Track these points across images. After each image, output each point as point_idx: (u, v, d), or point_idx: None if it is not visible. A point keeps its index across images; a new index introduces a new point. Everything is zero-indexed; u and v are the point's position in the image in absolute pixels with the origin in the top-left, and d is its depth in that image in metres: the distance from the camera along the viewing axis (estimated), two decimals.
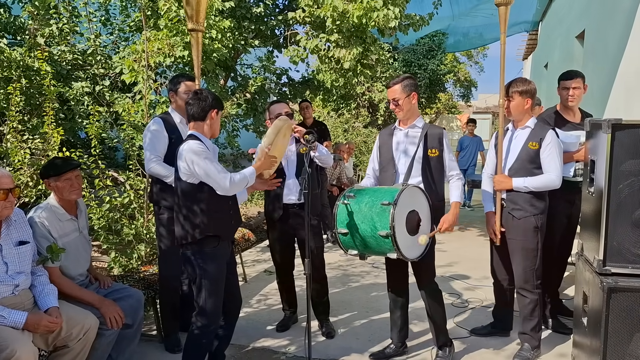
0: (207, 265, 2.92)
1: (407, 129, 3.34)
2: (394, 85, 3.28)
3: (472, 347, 3.67)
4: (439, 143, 3.29)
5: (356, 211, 3.03)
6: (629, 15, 5.40)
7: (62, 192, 3.03)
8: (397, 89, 3.26)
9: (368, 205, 3.00)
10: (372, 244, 3.00)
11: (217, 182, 2.81)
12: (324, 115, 13.62)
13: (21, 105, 4.54)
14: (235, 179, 2.84)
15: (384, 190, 3.09)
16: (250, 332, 3.99)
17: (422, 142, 3.27)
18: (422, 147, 3.27)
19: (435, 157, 3.28)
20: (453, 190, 3.35)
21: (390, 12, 5.44)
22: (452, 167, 3.35)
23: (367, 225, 2.97)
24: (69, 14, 5.95)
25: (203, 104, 2.92)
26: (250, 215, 8.63)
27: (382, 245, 2.95)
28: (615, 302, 2.71)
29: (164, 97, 5.43)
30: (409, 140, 3.33)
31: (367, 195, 3.08)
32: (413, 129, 3.33)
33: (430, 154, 3.28)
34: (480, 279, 5.04)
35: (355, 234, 3.02)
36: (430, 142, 3.29)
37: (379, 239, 2.92)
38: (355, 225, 3.01)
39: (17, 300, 2.66)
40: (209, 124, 2.96)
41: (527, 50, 16.82)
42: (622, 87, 5.66)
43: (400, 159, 3.33)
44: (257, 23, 6.60)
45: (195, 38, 3.54)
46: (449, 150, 3.35)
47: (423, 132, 3.29)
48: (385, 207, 2.91)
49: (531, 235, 3.37)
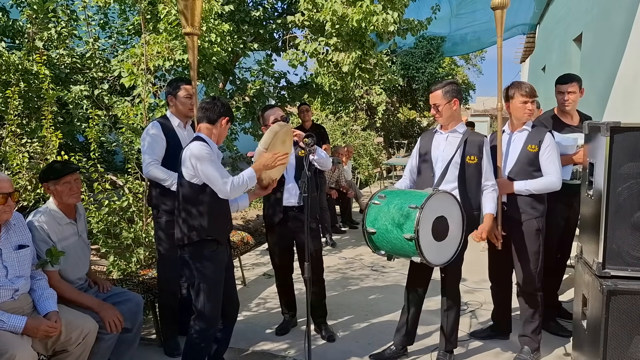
0: (206, 268, 2.93)
1: (447, 133, 3.32)
2: (436, 90, 3.24)
3: (472, 351, 3.67)
4: (478, 150, 3.24)
5: (385, 212, 3.05)
6: (627, 18, 5.42)
7: (62, 196, 3.02)
8: (439, 95, 3.23)
9: (396, 207, 3.01)
10: (397, 246, 3.01)
11: (218, 186, 2.83)
12: (322, 118, 13.62)
13: (20, 109, 4.53)
14: (235, 183, 2.85)
15: (414, 194, 3.09)
16: (249, 335, 3.99)
17: (460, 148, 3.24)
18: (460, 152, 3.23)
19: (473, 164, 3.23)
20: (487, 201, 3.26)
21: (389, 16, 5.45)
22: (489, 177, 3.27)
23: (393, 226, 2.99)
24: (67, 17, 5.94)
25: (218, 109, 2.97)
26: (249, 218, 8.62)
27: (406, 248, 2.96)
28: (614, 305, 2.71)
29: (162, 100, 5.42)
30: (448, 144, 3.29)
31: (397, 197, 3.10)
32: (453, 134, 3.30)
33: (468, 161, 3.23)
34: (479, 282, 5.04)
35: (383, 234, 3.05)
36: (469, 149, 3.24)
37: (404, 241, 2.94)
38: (383, 226, 3.04)
39: (17, 304, 2.65)
40: (219, 130, 3.00)
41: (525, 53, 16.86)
42: (620, 89, 5.68)
43: (438, 163, 3.30)
44: (256, 26, 6.60)
45: (191, 42, 3.54)
46: (489, 160, 3.28)
47: (463, 138, 3.26)
48: (411, 210, 2.92)
49: (533, 238, 3.37)
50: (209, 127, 2.97)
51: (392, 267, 5.66)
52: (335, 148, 8.68)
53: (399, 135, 19.05)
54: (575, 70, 7.24)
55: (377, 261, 5.94)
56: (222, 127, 3.01)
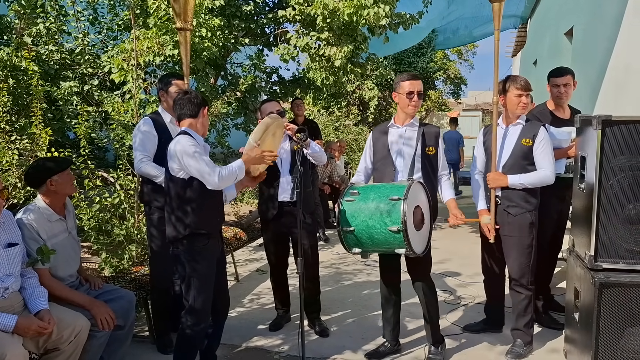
0: (197, 263, 2.93)
1: (405, 127, 3.33)
2: (419, 79, 3.29)
3: (465, 344, 3.68)
4: (435, 141, 3.33)
5: (363, 208, 3.03)
6: (617, 11, 5.44)
7: (66, 187, 3.02)
8: (421, 83, 3.28)
9: (376, 202, 3.00)
10: (380, 240, 2.99)
11: (206, 177, 2.82)
12: (315, 113, 13.60)
13: (8, 106, 4.48)
14: (224, 174, 2.85)
15: (389, 186, 3.09)
16: (242, 331, 3.98)
17: (420, 140, 3.29)
18: (420, 144, 3.29)
19: (432, 154, 3.32)
20: (446, 189, 3.40)
21: (380, 10, 5.44)
22: (444, 167, 3.40)
23: (375, 221, 2.96)
24: (56, 13, 5.88)
25: (196, 101, 2.97)
26: (241, 214, 8.59)
27: (391, 241, 2.95)
28: (606, 298, 2.73)
29: (153, 96, 5.38)
30: (406, 138, 3.32)
31: (372, 191, 3.08)
32: (411, 127, 3.33)
33: (428, 152, 3.30)
34: (472, 275, 5.06)
35: (362, 230, 3.02)
36: (428, 140, 3.31)
37: (389, 234, 2.92)
38: (363, 222, 3.01)
39: (7, 303, 2.62)
40: (201, 121, 3.01)
41: (516, 47, 16.88)
42: (611, 83, 5.70)
43: (398, 157, 3.33)
44: (247, 21, 6.57)
45: (183, 37, 3.51)
46: (442, 150, 3.38)
47: (420, 131, 3.31)
48: (395, 202, 2.91)
49: (527, 232, 3.39)
50: (192, 121, 2.98)
51: None
52: (328, 143, 8.67)
53: None
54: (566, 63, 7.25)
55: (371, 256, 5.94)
56: (204, 118, 3.03)
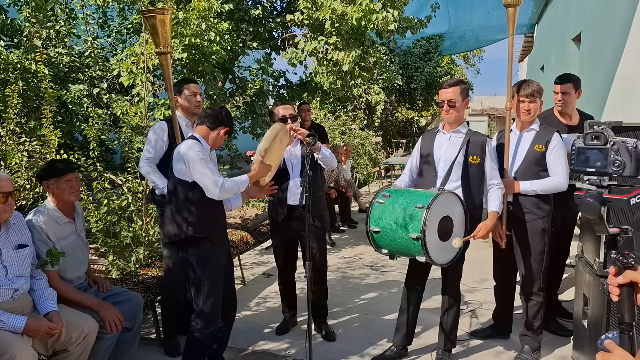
0: (206, 266, 2.95)
1: (450, 133, 3.31)
2: (452, 86, 3.21)
3: (472, 350, 3.67)
4: (481, 150, 3.24)
5: (390, 211, 3.04)
6: (625, 17, 5.42)
7: (62, 194, 3.01)
8: (457, 91, 3.20)
9: (402, 207, 3.01)
10: (402, 245, 3.01)
11: (207, 185, 2.85)
12: (321, 117, 13.62)
13: (18, 108, 4.51)
14: (226, 186, 2.87)
15: (420, 193, 3.08)
16: (249, 335, 3.98)
17: (463, 148, 3.23)
18: (463, 152, 3.23)
19: (476, 164, 3.23)
20: (492, 199, 3.25)
21: (389, 14, 5.44)
22: (493, 176, 3.26)
23: (398, 226, 2.98)
24: (66, 16, 5.92)
25: (221, 117, 3.01)
26: (247, 217, 8.61)
27: (411, 248, 2.96)
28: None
29: (162, 99, 5.41)
30: (451, 144, 3.28)
31: (402, 196, 3.09)
32: (456, 134, 3.29)
33: (471, 161, 3.24)
34: (479, 281, 5.04)
35: (387, 233, 3.04)
36: (472, 149, 3.24)
37: (409, 240, 2.93)
38: (388, 225, 3.03)
39: (17, 304, 2.64)
40: (215, 137, 3.04)
41: (523, 52, 16.88)
42: (619, 89, 5.68)
43: (440, 163, 3.29)
44: (256, 25, 6.60)
45: (164, 60, 3.51)
46: (492, 159, 3.27)
47: (466, 138, 3.25)
48: (418, 210, 2.91)
49: (539, 238, 3.36)
50: (208, 131, 3.01)
51: (391, 267, 5.65)
52: (334, 147, 8.67)
53: (397, 135, 19.04)
54: (574, 70, 7.24)
55: (377, 260, 5.94)
56: (219, 136, 3.05)
